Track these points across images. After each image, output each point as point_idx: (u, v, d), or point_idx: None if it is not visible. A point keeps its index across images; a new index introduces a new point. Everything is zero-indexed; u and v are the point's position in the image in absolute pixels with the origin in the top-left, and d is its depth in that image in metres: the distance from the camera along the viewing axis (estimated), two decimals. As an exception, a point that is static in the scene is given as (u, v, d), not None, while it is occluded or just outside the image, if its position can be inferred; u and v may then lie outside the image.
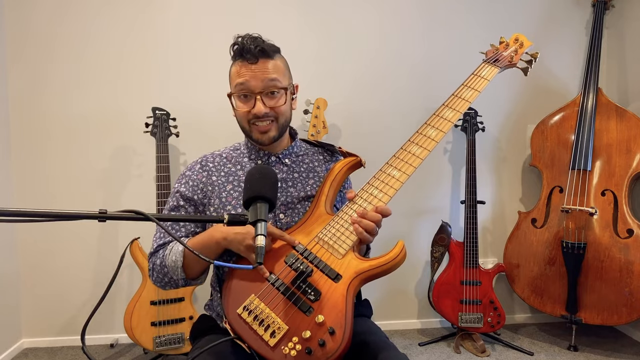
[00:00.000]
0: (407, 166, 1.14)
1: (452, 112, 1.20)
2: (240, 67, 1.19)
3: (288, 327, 0.99)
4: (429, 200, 2.69)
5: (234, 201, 1.22)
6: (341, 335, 0.97)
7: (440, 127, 1.18)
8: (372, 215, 1.08)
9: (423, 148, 1.16)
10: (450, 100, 1.23)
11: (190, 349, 1.22)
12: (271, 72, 1.18)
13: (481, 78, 1.25)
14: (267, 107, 1.18)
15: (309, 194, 1.26)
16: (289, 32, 2.49)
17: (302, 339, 0.97)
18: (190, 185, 1.25)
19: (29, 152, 2.40)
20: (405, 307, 2.74)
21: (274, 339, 0.99)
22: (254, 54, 1.16)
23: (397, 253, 1.05)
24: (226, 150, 1.34)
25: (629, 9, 2.59)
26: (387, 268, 1.04)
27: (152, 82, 2.43)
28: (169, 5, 2.41)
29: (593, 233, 2.30)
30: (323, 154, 1.37)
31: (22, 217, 0.76)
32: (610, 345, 2.46)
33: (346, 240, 1.08)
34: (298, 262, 1.08)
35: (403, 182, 1.13)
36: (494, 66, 1.28)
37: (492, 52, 1.35)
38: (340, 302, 1.00)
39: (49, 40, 2.35)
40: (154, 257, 1.21)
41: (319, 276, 1.05)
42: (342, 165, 1.24)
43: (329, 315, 0.99)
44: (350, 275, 1.04)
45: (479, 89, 1.23)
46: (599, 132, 2.37)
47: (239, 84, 1.18)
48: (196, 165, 1.29)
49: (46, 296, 2.46)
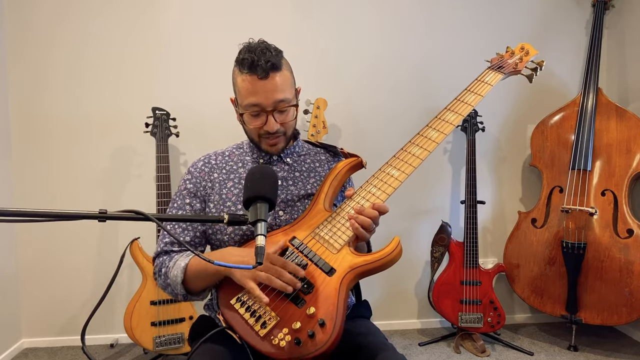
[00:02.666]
0: (407, 166, 1.15)
1: (454, 115, 1.22)
2: (250, 84, 1.15)
3: (279, 318, 1.01)
4: (429, 200, 2.69)
5: (233, 197, 1.23)
6: (331, 327, 0.97)
7: (441, 129, 1.20)
8: (369, 212, 1.09)
9: (423, 149, 1.17)
10: (453, 104, 1.24)
11: (190, 350, 1.22)
12: (282, 88, 1.16)
13: (484, 83, 1.27)
14: (278, 124, 1.20)
15: (309, 192, 1.27)
16: (289, 32, 2.49)
17: (292, 330, 0.98)
18: (193, 182, 1.27)
19: (29, 152, 2.40)
20: (405, 307, 2.74)
21: (264, 329, 1.00)
22: (265, 70, 1.14)
23: (392, 249, 1.05)
24: (229, 148, 1.36)
25: (629, 9, 2.59)
26: (382, 264, 1.05)
27: (153, 82, 2.43)
28: (170, 5, 2.41)
29: (593, 233, 2.30)
30: (325, 154, 1.38)
31: (22, 217, 0.76)
32: (610, 345, 2.46)
33: (342, 236, 1.10)
34: (293, 256, 1.09)
35: (402, 182, 1.13)
36: (498, 72, 1.29)
37: (497, 59, 1.36)
38: (333, 295, 1.01)
39: (49, 40, 2.35)
40: (159, 262, 1.23)
41: (313, 269, 1.06)
42: (343, 165, 1.26)
43: (320, 308, 1.00)
44: (344, 269, 1.05)
45: (482, 94, 1.25)
46: (599, 132, 2.37)
47: (251, 104, 1.17)
48: (199, 162, 1.31)
49: (46, 296, 2.46)
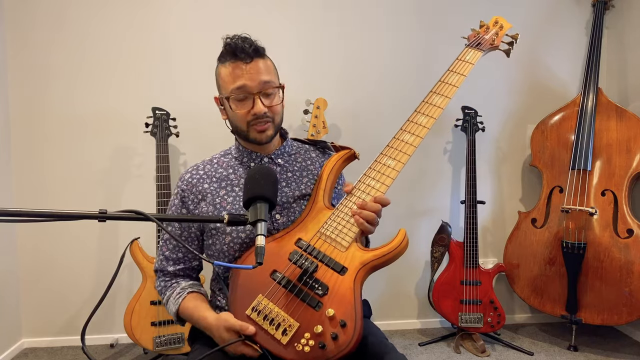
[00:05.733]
0: (402, 155, 1.15)
1: (440, 98, 1.20)
2: (233, 68, 1.16)
3: (299, 324, 1.00)
4: (429, 200, 2.69)
5: (228, 206, 1.20)
6: (352, 327, 0.97)
7: (429, 113, 1.19)
8: (371, 205, 1.08)
9: (415, 136, 1.16)
10: (438, 87, 1.23)
11: (190, 350, 1.22)
12: (266, 71, 1.17)
13: (466, 62, 1.26)
14: (266, 107, 1.17)
15: (304, 192, 1.25)
16: (290, 33, 2.49)
17: (315, 334, 0.97)
18: (180, 196, 1.24)
19: (29, 152, 2.40)
20: (405, 307, 2.74)
21: (286, 337, 0.99)
22: (249, 54, 1.14)
23: (399, 241, 1.06)
24: (216, 156, 1.32)
25: (629, 9, 2.59)
26: (391, 256, 1.06)
27: (152, 82, 2.43)
28: (170, 5, 2.41)
29: (593, 233, 2.30)
30: (315, 151, 1.36)
31: (22, 217, 0.77)
32: (610, 345, 2.46)
33: (348, 233, 1.09)
34: (302, 259, 1.07)
35: (399, 171, 1.13)
36: (477, 50, 1.29)
37: (473, 35, 1.36)
38: (349, 294, 1.01)
39: (50, 41, 2.35)
40: (157, 284, 1.26)
41: (325, 270, 1.05)
42: (337, 159, 1.25)
43: (338, 309, 0.99)
44: (356, 266, 1.04)
45: (464, 73, 1.23)
46: (599, 132, 2.37)
47: (236, 88, 1.16)
48: (186, 174, 1.27)
49: (46, 296, 2.46)
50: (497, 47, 1.34)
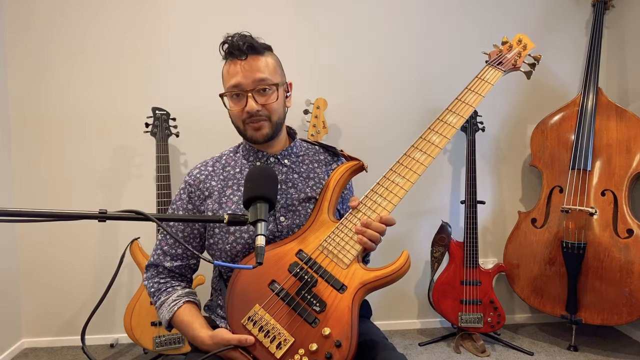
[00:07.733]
0: (411, 174, 1.13)
1: (456, 118, 1.18)
2: (230, 66, 1.18)
3: (294, 339, 0.99)
4: (429, 200, 2.69)
5: (233, 205, 1.19)
6: (347, 347, 0.96)
7: (444, 132, 1.16)
8: (376, 225, 1.07)
9: (427, 155, 1.14)
10: (454, 105, 1.20)
11: (190, 351, 1.21)
12: (261, 69, 1.16)
13: (485, 82, 1.23)
14: (259, 105, 1.16)
15: (310, 195, 1.23)
16: (291, 33, 2.49)
17: (309, 352, 0.97)
18: (188, 192, 1.24)
19: (29, 152, 2.40)
20: (405, 307, 2.74)
21: (280, 350, 0.98)
22: (242, 51, 1.15)
23: (402, 263, 1.06)
24: (225, 152, 1.32)
25: (629, 9, 2.59)
26: (393, 278, 1.05)
27: (152, 82, 2.43)
28: (170, 5, 2.41)
29: (593, 233, 2.30)
30: (324, 154, 1.34)
31: (22, 217, 0.76)
32: (610, 345, 2.46)
33: (350, 250, 1.07)
34: (302, 272, 1.06)
35: (407, 190, 1.11)
36: (497, 69, 1.26)
37: (495, 53, 1.32)
38: (346, 313, 1.00)
39: (49, 41, 2.35)
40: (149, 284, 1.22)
41: (324, 287, 1.04)
42: (344, 170, 1.21)
43: (335, 328, 0.98)
44: (356, 286, 1.03)
45: (482, 94, 1.21)
46: (599, 132, 2.37)
47: (231, 86, 1.17)
48: (194, 170, 1.27)
49: (46, 296, 2.46)
50: (518, 68, 1.30)
